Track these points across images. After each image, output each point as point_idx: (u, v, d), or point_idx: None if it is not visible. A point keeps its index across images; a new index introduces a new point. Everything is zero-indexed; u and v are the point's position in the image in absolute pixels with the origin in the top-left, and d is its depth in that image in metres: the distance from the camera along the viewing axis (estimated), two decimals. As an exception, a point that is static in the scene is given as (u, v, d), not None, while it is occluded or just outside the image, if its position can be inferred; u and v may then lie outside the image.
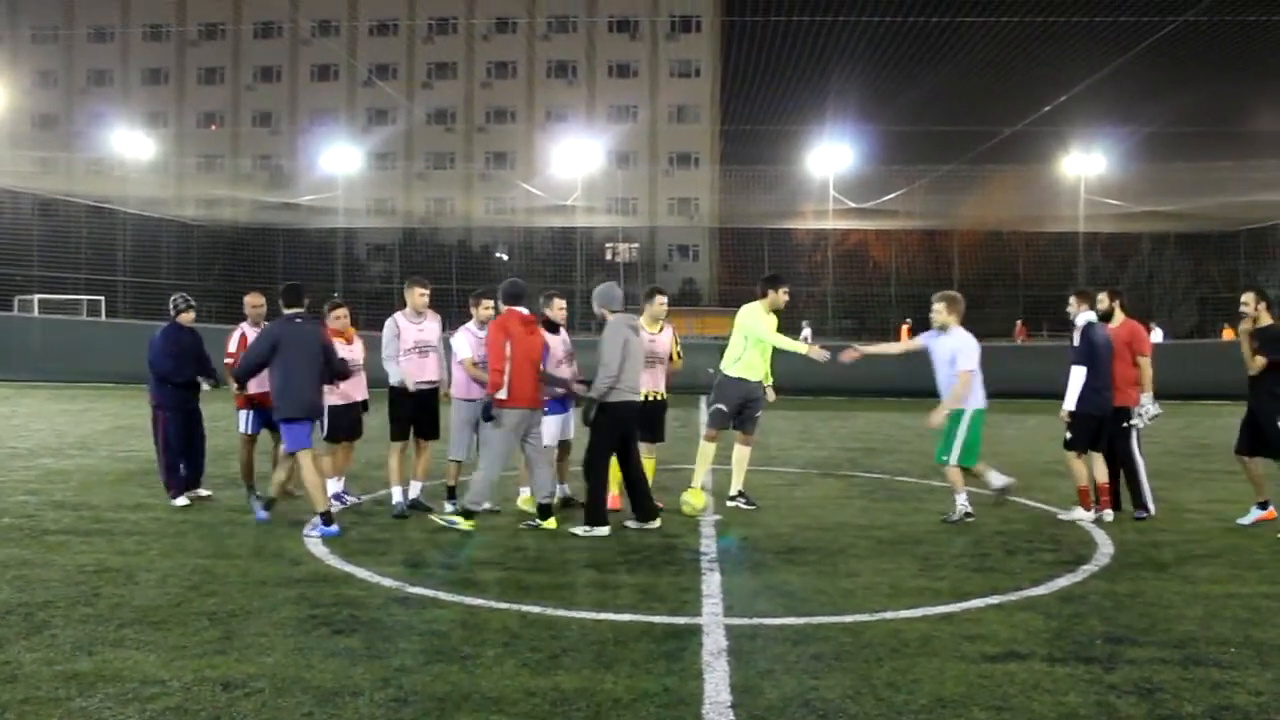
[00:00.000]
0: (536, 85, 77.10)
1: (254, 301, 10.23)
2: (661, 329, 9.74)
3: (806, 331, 38.06)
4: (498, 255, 56.50)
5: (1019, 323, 41.32)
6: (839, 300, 46.43)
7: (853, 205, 44.71)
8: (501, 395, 8.63)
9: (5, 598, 6.48)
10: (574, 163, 48.26)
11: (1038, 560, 7.87)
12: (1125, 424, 9.60)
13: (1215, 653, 5.68)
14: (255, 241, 45.75)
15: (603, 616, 6.23)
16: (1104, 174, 45.65)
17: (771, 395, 10.16)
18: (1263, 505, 9.34)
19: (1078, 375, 9.33)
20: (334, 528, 8.40)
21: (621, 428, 8.82)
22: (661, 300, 9.80)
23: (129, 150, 50.43)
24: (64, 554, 7.69)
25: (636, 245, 61.82)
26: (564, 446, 9.80)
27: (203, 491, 10.04)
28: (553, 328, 9.45)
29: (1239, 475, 9.86)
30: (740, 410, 9.88)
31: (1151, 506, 9.59)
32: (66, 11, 79.39)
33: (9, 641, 5.62)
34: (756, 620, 6.20)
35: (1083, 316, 9.55)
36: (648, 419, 9.56)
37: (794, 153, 47.82)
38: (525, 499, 9.55)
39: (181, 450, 9.83)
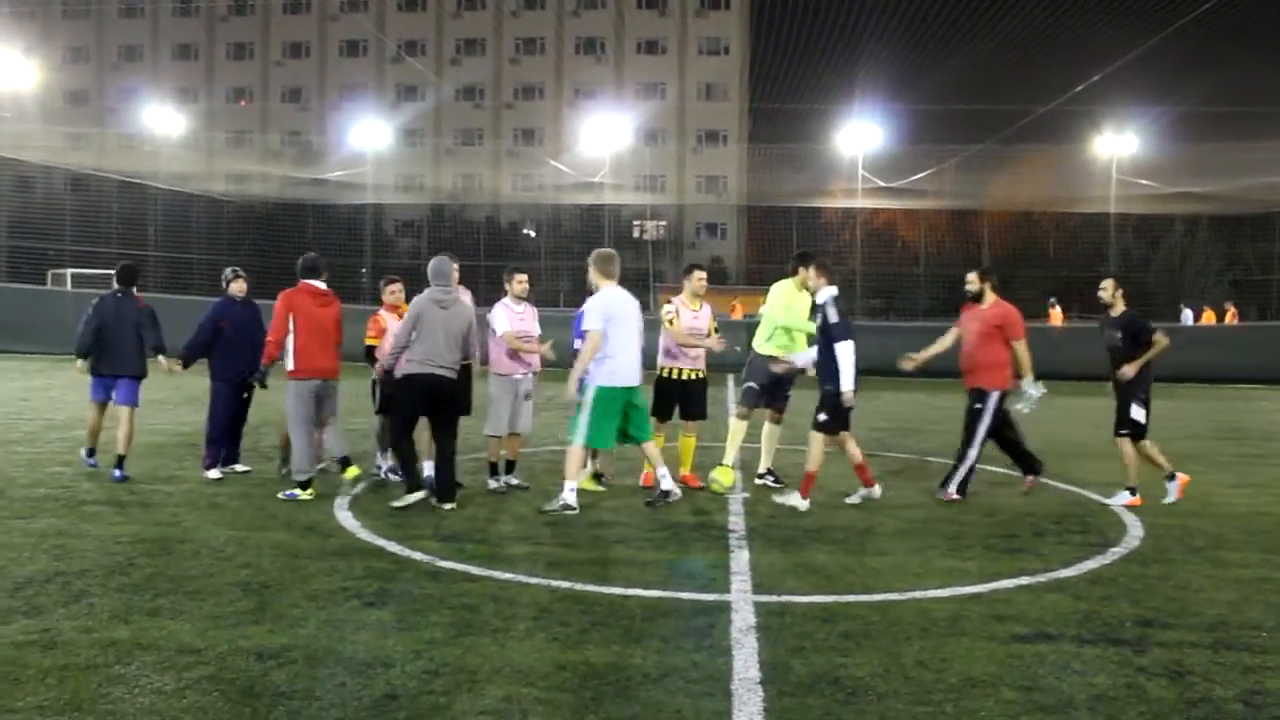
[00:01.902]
0: (565, 61, 76.84)
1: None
2: (701, 306, 9.80)
3: None
4: (526, 232, 56.51)
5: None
6: (867, 280, 46.16)
7: (882, 184, 44.38)
8: (290, 366, 8.94)
9: (44, 567, 6.58)
10: (602, 139, 48.09)
11: (1067, 542, 7.84)
12: (977, 405, 9.42)
13: (1247, 637, 5.66)
14: (285, 217, 45.91)
15: (632, 592, 6.27)
16: (1136, 154, 45.11)
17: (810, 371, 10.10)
18: (1132, 490, 9.41)
19: (847, 352, 8.74)
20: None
21: (419, 400, 8.72)
22: (700, 276, 9.87)
23: (159, 126, 50.65)
24: (100, 525, 7.80)
25: (664, 223, 61.66)
26: None
27: (239, 467, 10.11)
28: None
29: (1269, 460, 9.80)
30: (772, 388, 9.88)
31: (953, 491, 9.32)
32: (97, -13, 79.78)
33: (48, 609, 5.71)
34: (785, 598, 6.22)
35: (823, 293, 8.99)
36: (689, 397, 9.76)
37: (823, 131, 47.50)
38: (581, 479, 9.57)
39: (224, 425, 9.89)
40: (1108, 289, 9.61)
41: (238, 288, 10.17)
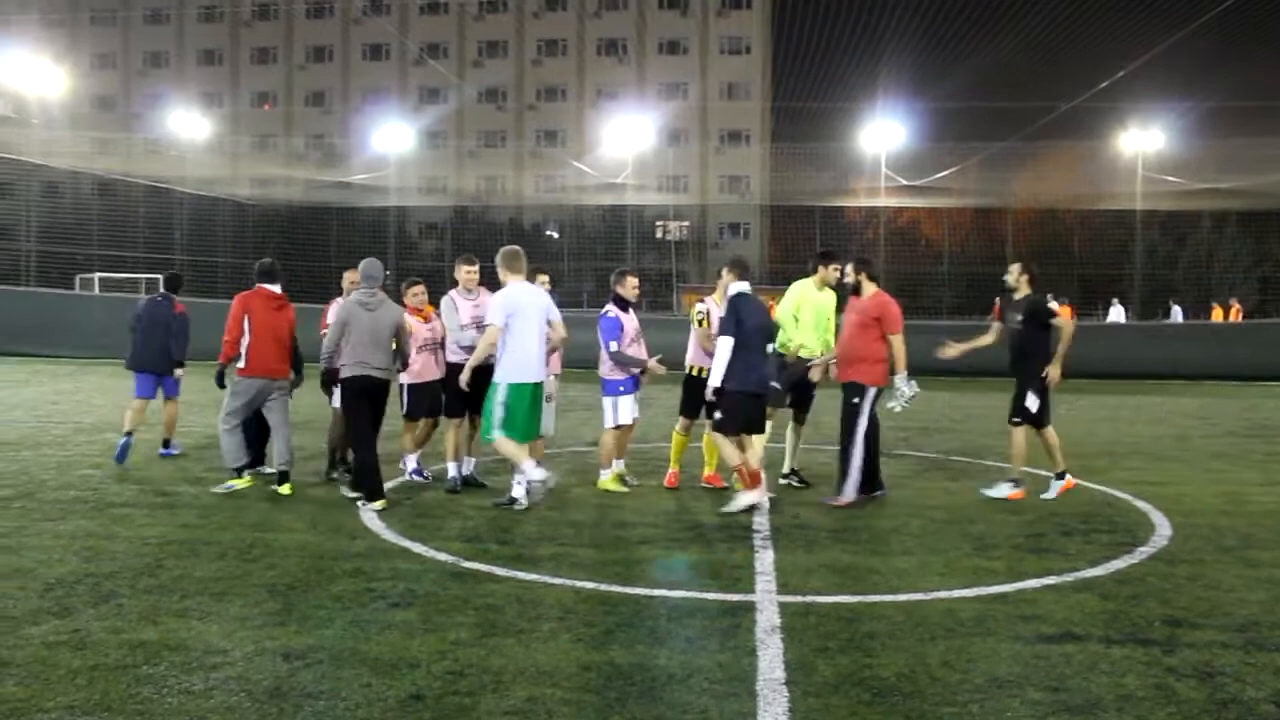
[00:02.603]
0: (587, 63, 76.94)
1: (352, 278, 10.21)
2: None
3: None
4: (549, 233, 56.60)
5: (996, 301, 40.51)
6: (890, 278, 45.89)
7: (905, 183, 44.19)
8: (241, 365, 9.19)
9: (74, 568, 6.64)
10: (624, 140, 48.09)
11: (1094, 541, 7.79)
12: (854, 400, 9.13)
13: (1279, 638, 5.60)
14: (309, 220, 46.15)
15: (656, 593, 6.27)
16: (1162, 150, 44.75)
17: (833, 373, 10.09)
18: (1016, 483, 9.37)
19: (723, 348, 8.62)
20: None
21: (360, 402, 8.86)
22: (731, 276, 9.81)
23: (185, 130, 51.03)
24: (128, 526, 7.86)
25: (687, 223, 61.62)
26: (629, 427, 9.82)
27: (266, 469, 10.16)
28: (625, 305, 9.58)
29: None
30: (795, 388, 9.87)
31: (849, 495, 8.95)
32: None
33: (78, 610, 5.76)
34: (810, 598, 6.20)
35: (734, 288, 8.93)
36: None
37: (846, 130, 47.35)
38: (606, 480, 9.60)
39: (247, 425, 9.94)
40: (1013, 273, 9.57)
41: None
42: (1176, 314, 34.46)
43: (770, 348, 9.10)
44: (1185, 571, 6.91)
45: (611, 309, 9.62)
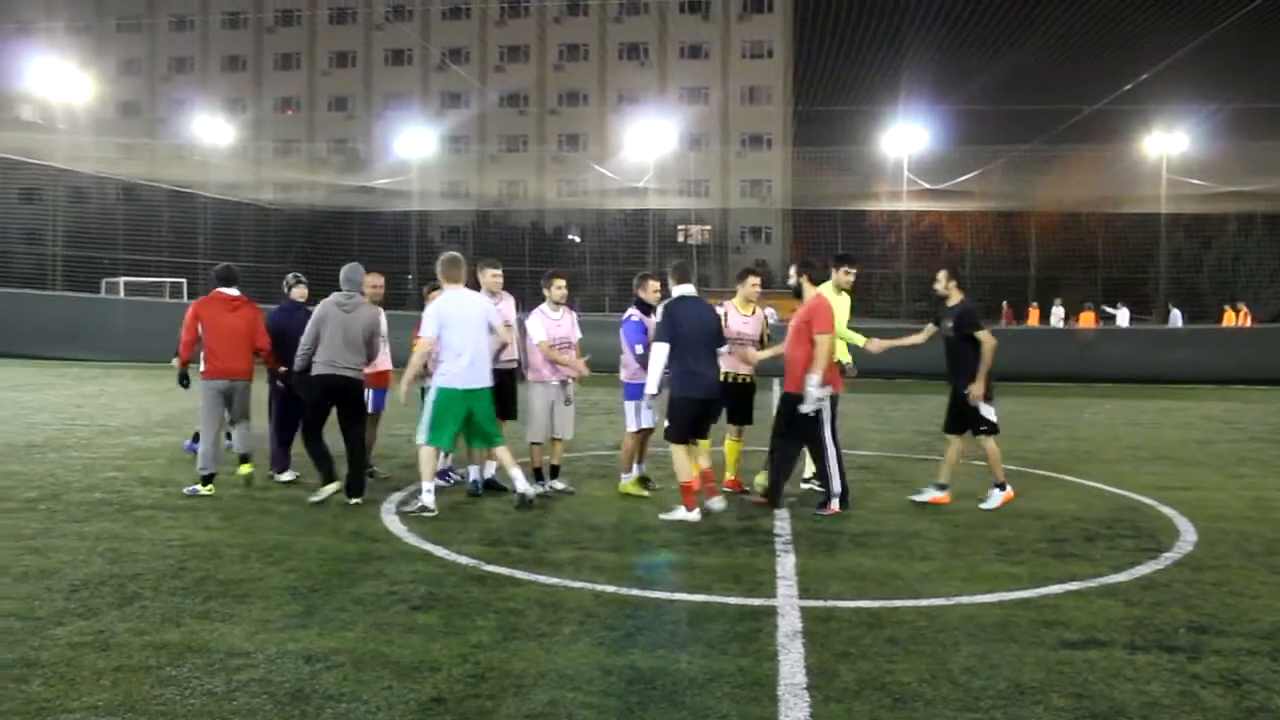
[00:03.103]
0: (608, 67, 77.05)
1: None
2: (754, 311, 9.79)
3: None
4: (570, 237, 56.71)
5: (1005, 304, 40.10)
6: (913, 283, 45.82)
7: (927, 186, 44.06)
8: (203, 368, 9.39)
9: (98, 569, 6.69)
10: (646, 145, 48.13)
11: (1118, 547, 7.73)
12: (811, 412, 8.86)
13: (1305, 643, 5.54)
14: (331, 224, 46.40)
15: (677, 597, 6.26)
16: (1187, 152, 44.43)
17: (851, 371, 10.08)
18: (941, 487, 9.27)
19: (657, 354, 8.57)
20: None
21: (322, 398, 8.99)
22: (754, 282, 9.79)
23: (209, 136, 51.41)
24: (152, 528, 7.92)
25: (709, 227, 61.63)
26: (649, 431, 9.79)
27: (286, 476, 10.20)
28: (648, 309, 9.56)
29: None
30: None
31: (835, 504, 8.75)
32: (149, 1, 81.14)
33: (102, 611, 5.80)
34: (831, 602, 6.18)
35: (676, 291, 8.86)
36: (737, 401, 9.70)
37: (868, 133, 47.24)
38: (627, 484, 9.61)
39: (288, 428, 9.99)
40: (941, 280, 9.48)
41: (299, 293, 10.36)
42: (1176, 318, 34.10)
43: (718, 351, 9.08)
44: (1211, 578, 6.86)
45: (634, 313, 9.63)
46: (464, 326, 8.68)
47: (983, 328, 9.12)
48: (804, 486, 9.88)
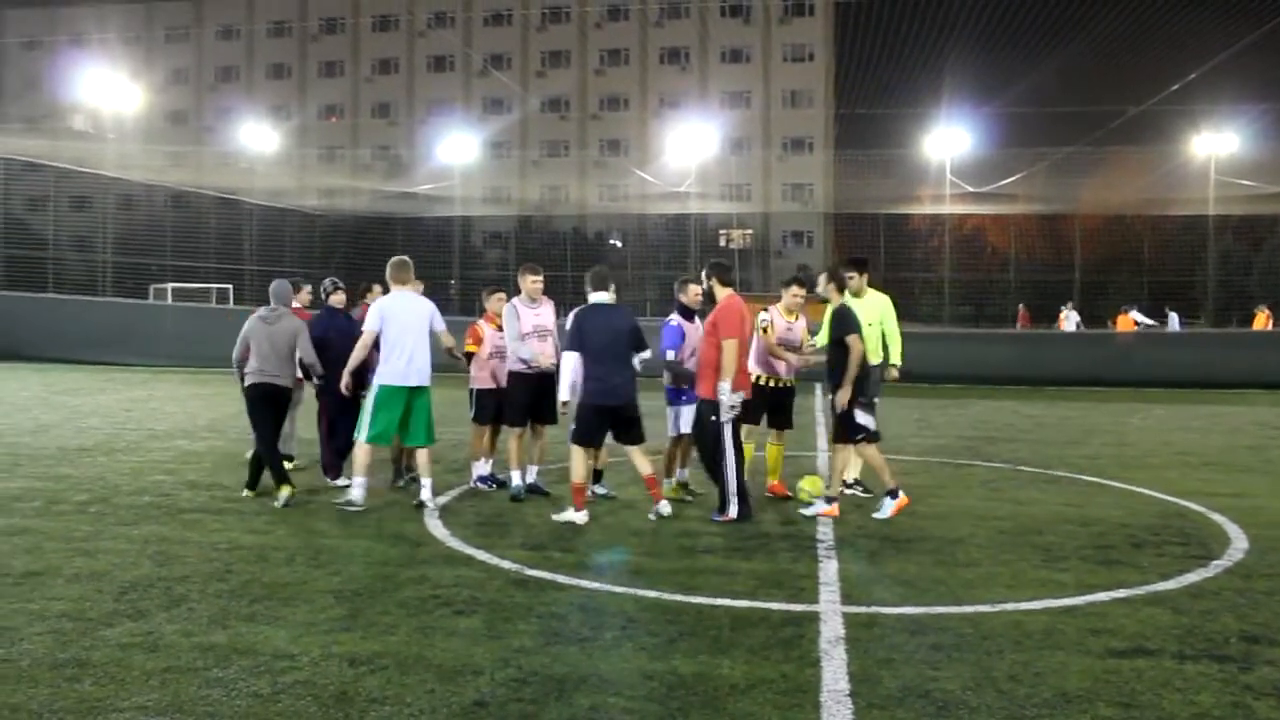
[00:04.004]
0: (649, 72, 77.18)
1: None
2: (797, 318, 9.87)
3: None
4: (612, 242, 56.80)
5: (1021, 307, 39.50)
6: (955, 286, 45.48)
7: (970, 189, 43.71)
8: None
9: (147, 572, 6.78)
10: (687, 149, 48.12)
11: (1166, 554, 7.62)
12: (713, 417, 8.74)
13: (1360, 653, 5.44)
14: (375, 230, 46.76)
15: (719, 602, 6.25)
16: (1236, 153, 43.75)
17: (893, 374, 10.02)
18: (844, 491, 9.14)
19: (566, 361, 8.81)
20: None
21: (260, 404, 9.36)
22: (795, 291, 9.92)
23: (254, 143, 52.03)
24: (199, 531, 8.02)
25: (750, 231, 61.54)
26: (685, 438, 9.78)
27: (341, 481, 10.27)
28: (689, 314, 9.56)
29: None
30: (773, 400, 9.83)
31: (732, 511, 8.56)
32: (196, 12, 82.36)
33: (151, 613, 5.89)
34: (874, 608, 6.15)
35: (591, 299, 8.92)
36: (777, 405, 9.79)
37: (910, 136, 46.97)
38: (668, 490, 9.61)
39: (337, 436, 10.08)
40: (821, 283, 9.40)
41: (338, 299, 10.43)
42: (1173, 321, 33.41)
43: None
44: (1263, 586, 6.74)
45: (675, 317, 9.62)
46: (405, 325, 8.99)
47: (852, 332, 8.85)
48: (847, 492, 9.84)
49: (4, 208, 34.86)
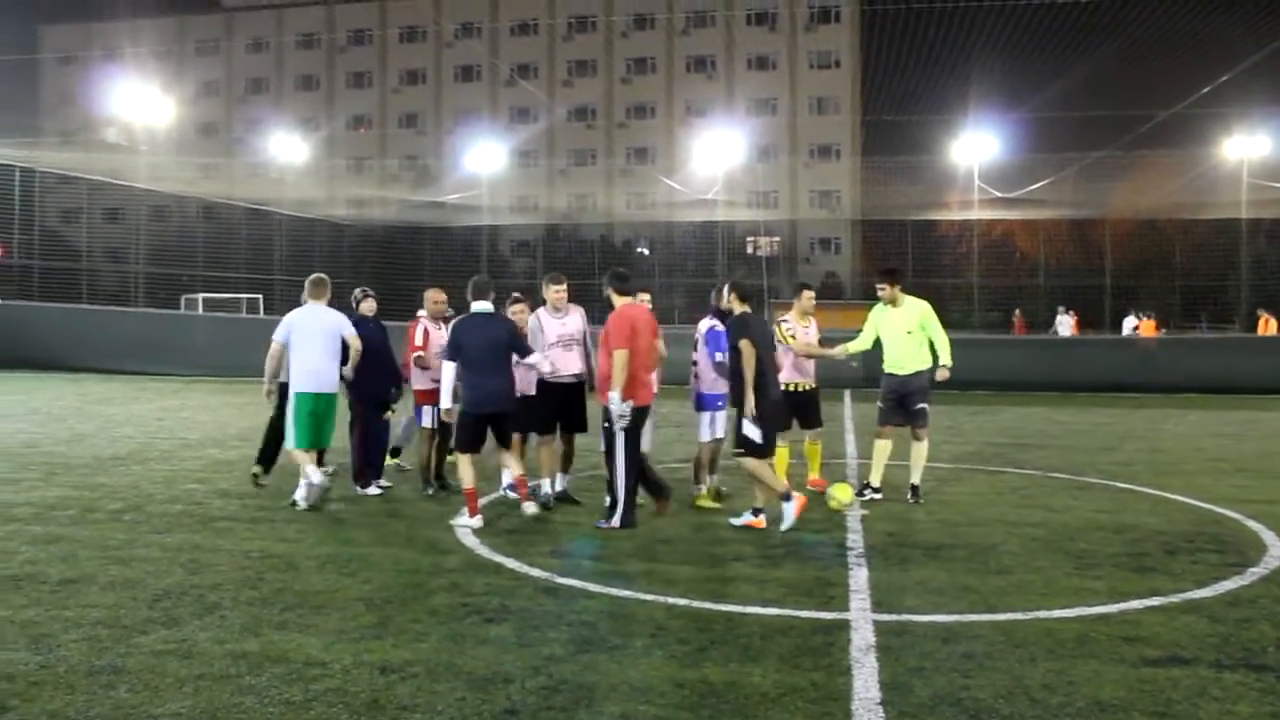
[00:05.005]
0: (675, 80, 77.25)
1: (435, 297, 10.56)
2: (810, 323, 10.13)
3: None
4: (639, 250, 56.85)
5: (1017, 313, 39.08)
6: (985, 292, 45.24)
7: (999, 195, 43.51)
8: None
9: (179, 580, 6.84)
10: (714, 156, 48.15)
11: (1201, 561, 7.54)
12: (605, 424, 8.72)
13: (1400, 662, 5.36)
14: (403, 240, 47.05)
15: (750, 610, 6.23)
16: (1268, 156, 43.31)
17: (943, 374, 9.96)
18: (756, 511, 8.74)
19: (446, 370, 8.85)
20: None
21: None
22: (808, 295, 10.28)
23: (284, 154, 52.45)
24: (230, 540, 8.07)
25: (778, 239, 61.45)
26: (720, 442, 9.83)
27: (383, 482, 10.34)
28: (725, 318, 9.63)
29: None
30: (900, 404, 9.96)
31: (616, 520, 8.51)
32: (227, 25, 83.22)
33: (184, 621, 5.93)
34: (905, 616, 6.11)
35: (475, 306, 9.03)
36: (804, 408, 10.11)
37: (938, 142, 46.85)
38: (702, 495, 9.66)
39: (368, 444, 10.14)
40: (723, 293, 9.45)
41: (368, 307, 10.52)
42: (1128, 325, 32.95)
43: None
44: (1300, 593, 6.66)
45: (715, 322, 9.68)
46: (310, 337, 9.53)
47: (744, 338, 8.69)
48: (876, 497, 9.82)
49: (39, 220, 35.30)
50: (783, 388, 9.71)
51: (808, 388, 10.28)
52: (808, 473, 10.49)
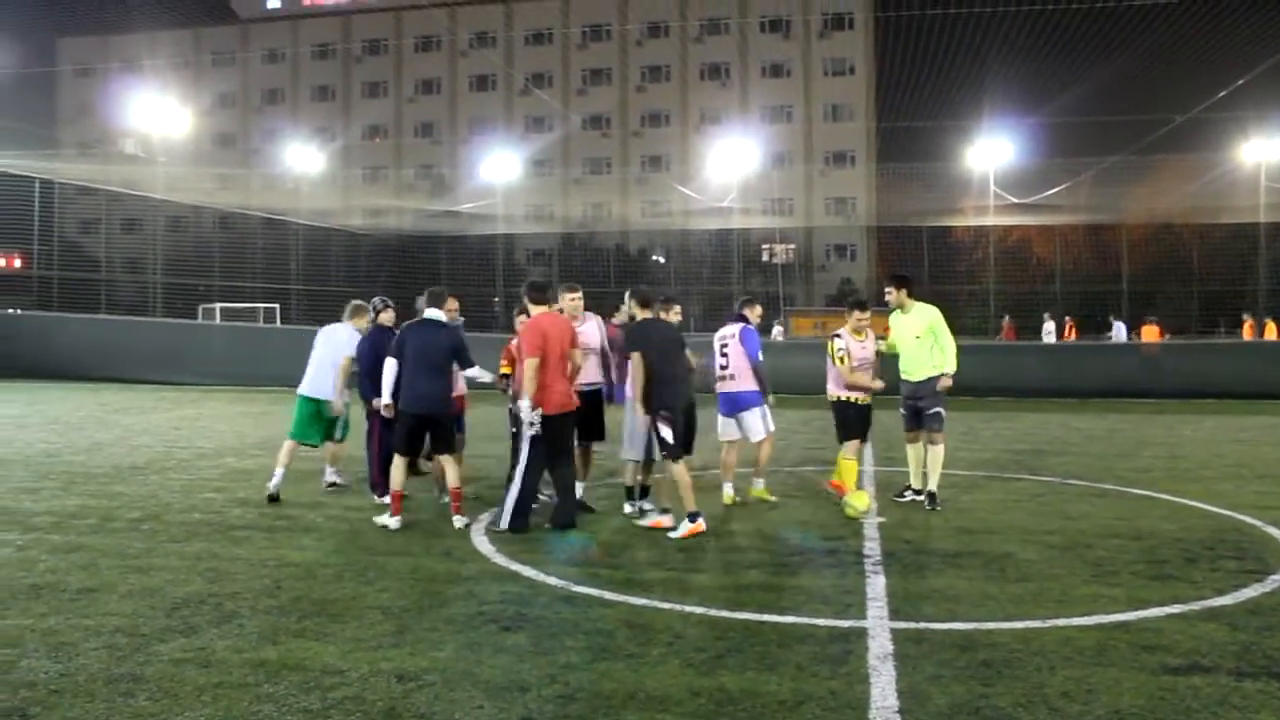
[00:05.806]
0: (690, 88, 77.30)
1: (449, 306, 10.56)
2: (865, 336, 10.16)
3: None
4: (655, 258, 56.84)
5: (1006, 319, 38.84)
6: (1001, 298, 45.05)
7: (1014, 201, 43.35)
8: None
9: (198, 588, 6.87)
10: (729, 164, 48.13)
11: (1220, 569, 7.49)
12: (514, 430, 8.87)
13: None
14: (419, 249, 47.14)
15: (766, 618, 6.22)
16: (1287, 159, 43.02)
17: (945, 382, 9.95)
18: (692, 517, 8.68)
19: (387, 368, 9.06)
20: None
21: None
22: (859, 316, 10.12)
23: (300, 164, 52.68)
24: (248, 548, 8.10)
25: (793, 246, 61.34)
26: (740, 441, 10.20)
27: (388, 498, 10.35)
28: (745, 321, 10.27)
29: None
30: (914, 410, 10.09)
31: (504, 523, 8.65)
32: (242, 36, 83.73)
33: (202, 629, 5.96)
34: (923, 624, 6.09)
35: (427, 313, 9.22)
36: (862, 422, 10.12)
37: (953, 148, 46.72)
38: (759, 489, 10.15)
39: (385, 453, 10.15)
40: (625, 300, 9.61)
41: (387, 317, 10.55)
42: (1119, 331, 32.61)
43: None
44: (1321, 601, 6.61)
45: (745, 326, 10.16)
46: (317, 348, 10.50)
47: (636, 349, 8.89)
48: (905, 499, 9.89)
49: (59, 231, 35.55)
50: (847, 401, 9.98)
51: (861, 402, 10.07)
52: (833, 476, 10.34)
